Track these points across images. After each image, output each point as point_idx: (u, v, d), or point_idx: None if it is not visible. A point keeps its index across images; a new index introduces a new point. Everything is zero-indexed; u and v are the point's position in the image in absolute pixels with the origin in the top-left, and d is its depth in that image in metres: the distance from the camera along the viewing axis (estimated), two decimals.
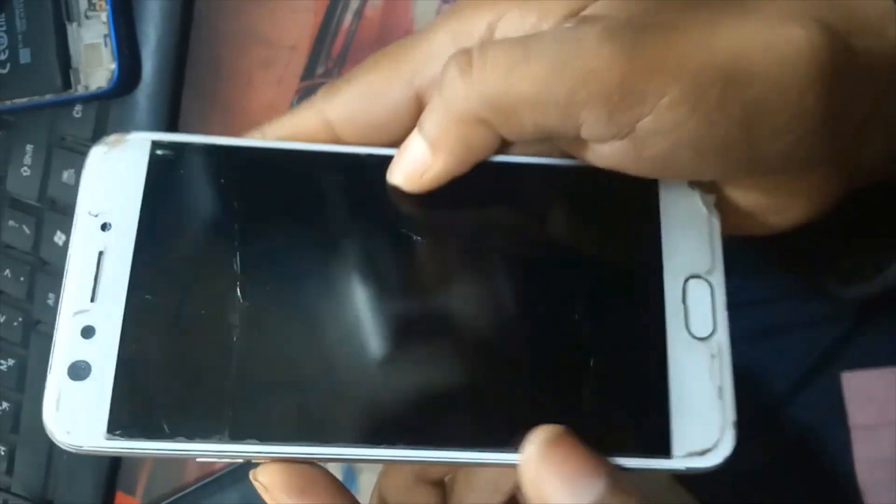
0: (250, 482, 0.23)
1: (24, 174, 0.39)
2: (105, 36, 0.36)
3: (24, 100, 0.37)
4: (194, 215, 0.24)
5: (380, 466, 0.31)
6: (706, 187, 0.25)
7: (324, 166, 0.25)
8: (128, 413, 0.23)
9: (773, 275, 0.57)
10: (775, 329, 0.58)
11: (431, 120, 0.23)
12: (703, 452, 0.23)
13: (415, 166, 0.24)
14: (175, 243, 0.24)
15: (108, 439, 0.22)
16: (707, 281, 0.24)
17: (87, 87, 0.37)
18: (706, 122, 0.21)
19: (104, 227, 0.24)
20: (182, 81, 0.39)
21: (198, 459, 0.23)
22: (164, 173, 0.24)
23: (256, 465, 0.23)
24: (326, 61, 0.38)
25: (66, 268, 0.23)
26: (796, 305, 0.58)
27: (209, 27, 0.38)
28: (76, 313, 0.23)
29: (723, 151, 0.22)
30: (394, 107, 0.24)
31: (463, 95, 0.22)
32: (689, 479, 0.63)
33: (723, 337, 0.24)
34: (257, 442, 0.22)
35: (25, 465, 0.42)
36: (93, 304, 0.23)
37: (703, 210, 0.25)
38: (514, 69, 0.21)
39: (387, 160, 0.25)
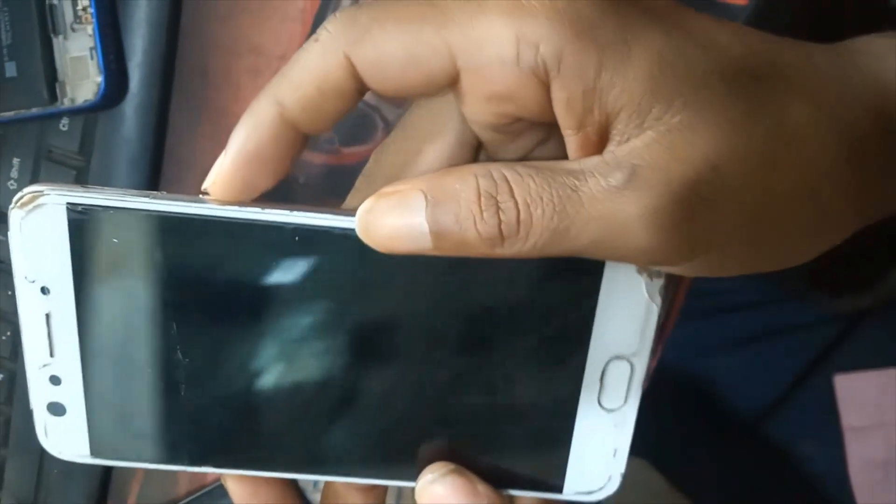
0: None
1: (11, 187, 0.39)
2: (91, 48, 0.36)
3: (11, 113, 0.37)
4: (125, 268, 0.25)
5: None
6: (655, 274, 0.25)
7: (240, 231, 0.24)
8: (105, 440, 0.27)
9: (766, 279, 0.57)
10: (768, 332, 0.58)
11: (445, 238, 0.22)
12: (588, 493, 0.28)
13: (409, 229, 0.22)
14: (113, 296, 0.25)
15: (93, 458, 0.27)
16: (629, 362, 0.27)
17: (73, 100, 0.36)
18: (721, 273, 0.23)
19: (44, 290, 0.25)
20: (170, 92, 0.38)
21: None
22: (86, 233, 0.24)
23: None
24: None
25: (21, 326, 0.25)
26: (789, 309, 0.58)
27: (197, 37, 0.38)
28: (41, 367, 0.26)
29: (735, 273, 0.23)
30: (431, 77, 0.21)
31: (499, 254, 0.22)
32: (685, 481, 0.63)
33: (630, 409, 0.27)
34: (213, 466, 0.27)
35: (16, 478, 0.42)
36: (52, 357, 0.26)
37: (645, 296, 0.25)
38: (556, 238, 0.21)
39: (312, 231, 0.24)
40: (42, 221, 0.24)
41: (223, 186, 0.23)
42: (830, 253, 0.25)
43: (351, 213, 0.23)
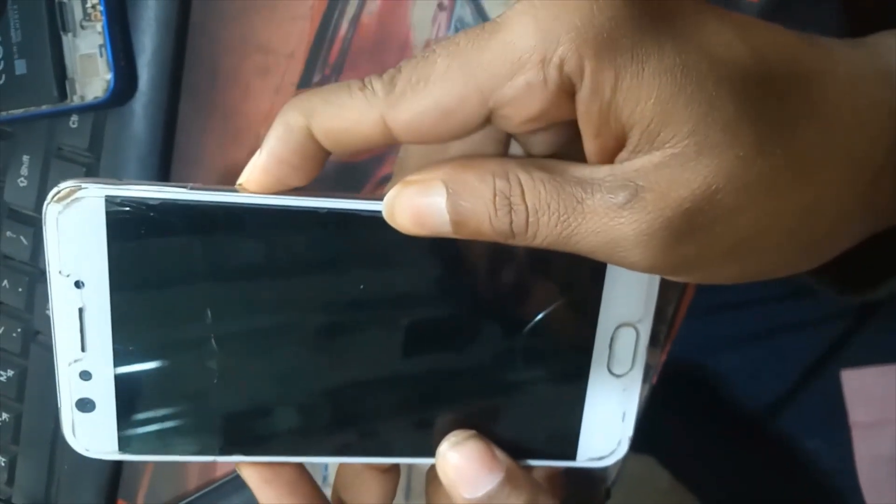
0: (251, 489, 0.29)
1: (21, 185, 0.39)
2: (101, 46, 0.36)
3: (21, 111, 0.37)
4: (161, 261, 0.25)
5: None
6: None
7: (275, 219, 0.25)
8: (133, 436, 0.27)
9: None
10: (775, 328, 0.58)
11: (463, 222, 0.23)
12: (600, 458, 0.30)
13: (430, 216, 0.23)
14: (148, 289, 0.26)
15: (121, 454, 0.27)
16: (635, 328, 0.28)
17: (83, 98, 0.37)
18: (715, 281, 0.24)
19: (78, 284, 0.25)
20: (179, 90, 0.38)
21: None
22: (123, 226, 0.25)
23: None
24: (323, 69, 0.38)
25: (52, 321, 0.26)
26: (795, 305, 0.58)
27: (206, 35, 0.38)
28: (71, 363, 0.26)
29: (731, 282, 0.24)
30: (465, 123, 0.22)
31: (512, 244, 0.23)
32: (691, 477, 0.63)
33: (637, 374, 0.29)
34: (242, 455, 0.28)
35: (26, 475, 0.42)
36: (84, 353, 0.26)
37: None
38: (559, 242, 0.22)
39: (344, 215, 0.25)
40: (79, 215, 0.25)
41: (257, 182, 0.25)
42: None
43: (379, 199, 0.25)
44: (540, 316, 0.27)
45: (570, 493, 0.38)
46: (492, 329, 0.27)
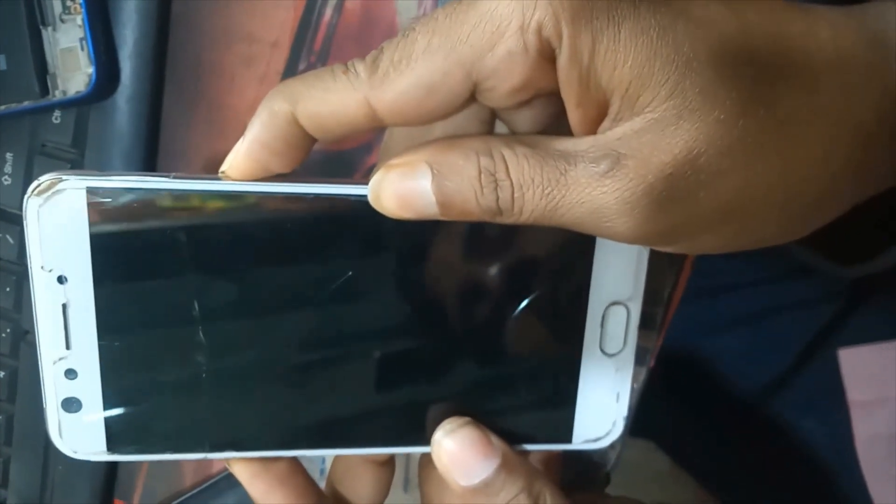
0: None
1: (6, 183, 0.38)
2: (81, 39, 0.36)
3: (2, 107, 0.36)
4: (146, 253, 0.25)
5: None
6: None
7: (262, 206, 0.25)
8: (122, 435, 0.26)
9: (767, 256, 0.57)
10: (771, 309, 0.58)
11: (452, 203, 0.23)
12: (595, 440, 0.29)
13: (416, 198, 0.23)
14: (132, 283, 0.25)
15: (110, 454, 0.27)
16: (626, 306, 0.28)
17: (65, 93, 0.36)
18: (702, 250, 0.24)
19: (61, 279, 0.25)
20: (163, 82, 0.38)
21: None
22: (106, 218, 0.24)
23: None
24: (309, 56, 0.37)
25: (35, 319, 0.25)
26: (790, 285, 0.58)
27: (188, 26, 0.38)
28: (56, 361, 0.25)
29: (719, 252, 0.24)
30: (450, 99, 0.22)
31: (498, 221, 0.23)
32: (690, 461, 0.63)
33: (629, 353, 0.29)
34: (234, 450, 0.27)
35: (20, 476, 0.42)
36: (69, 350, 0.25)
37: None
38: (546, 215, 0.22)
39: (332, 201, 0.25)
40: (61, 208, 0.24)
41: (239, 169, 0.24)
42: (836, 219, 0.25)
43: (364, 183, 0.25)
44: (530, 298, 0.27)
45: (570, 479, 0.37)
46: (482, 313, 0.27)
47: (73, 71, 0.36)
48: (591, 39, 0.21)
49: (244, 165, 0.24)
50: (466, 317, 0.27)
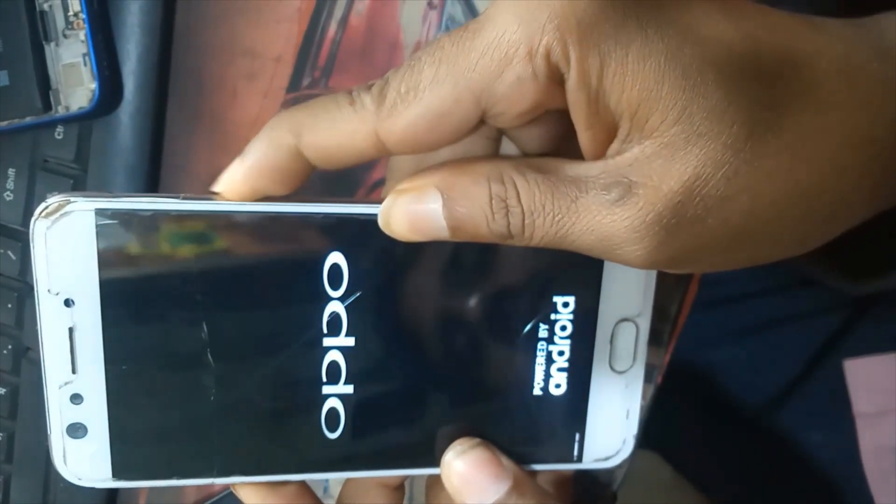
0: None
1: (8, 199, 0.38)
2: (84, 55, 0.35)
3: (5, 123, 0.36)
4: (154, 277, 0.24)
5: None
6: None
7: (273, 226, 0.25)
8: (128, 461, 0.26)
9: (773, 267, 0.56)
10: (776, 320, 0.58)
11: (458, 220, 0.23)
12: (606, 458, 0.29)
13: (427, 223, 0.23)
14: (141, 306, 0.25)
15: (115, 481, 0.26)
16: (635, 323, 0.28)
17: (67, 108, 0.36)
18: (709, 269, 0.24)
19: (67, 303, 0.24)
20: (166, 97, 0.38)
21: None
22: (115, 239, 0.24)
23: None
24: (313, 72, 0.37)
25: (40, 343, 0.24)
26: (796, 296, 0.58)
27: (192, 41, 0.37)
28: (62, 385, 0.25)
29: (725, 269, 0.24)
30: (459, 126, 0.22)
31: (509, 244, 0.23)
32: (695, 472, 0.63)
33: (638, 370, 0.28)
34: (242, 475, 0.27)
35: (21, 494, 0.41)
36: (75, 374, 0.25)
37: None
38: (556, 241, 0.22)
39: (344, 220, 0.25)
40: (69, 230, 0.24)
41: (235, 192, 0.24)
42: (846, 235, 0.25)
43: (375, 203, 0.25)
44: (539, 316, 0.27)
45: (576, 498, 0.37)
46: (491, 331, 0.27)
47: (76, 86, 0.36)
48: (600, 62, 0.21)
49: (241, 190, 0.24)
50: (476, 336, 0.27)
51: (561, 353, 0.28)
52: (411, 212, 0.23)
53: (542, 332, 0.27)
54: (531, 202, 0.22)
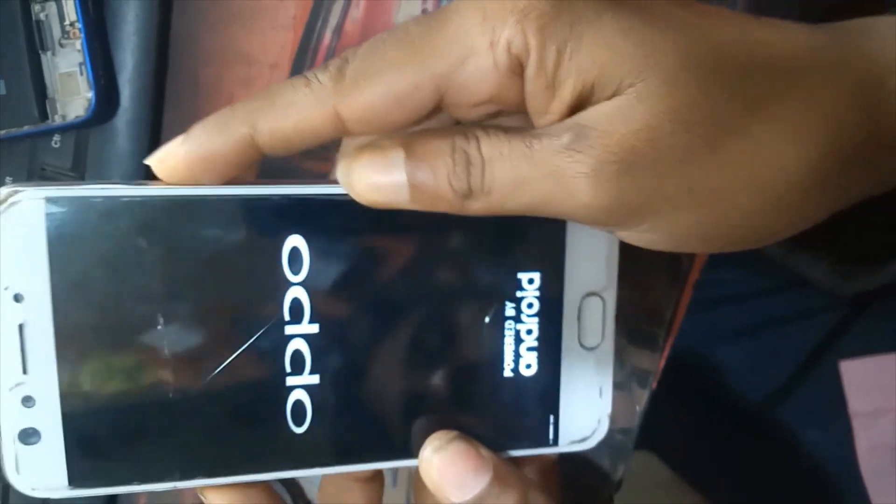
0: None
1: None
2: (80, 64, 0.35)
3: (2, 132, 0.36)
4: (107, 270, 0.23)
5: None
6: None
7: (230, 210, 0.24)
8: (84, 467, 0.24)
9: (768, 266, 0.57)
10: (772, 320, 0.58)
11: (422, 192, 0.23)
12: (582, 440, 0.28)
13: (388, 176, 0.23)
14: (93, 301, 0.24)
15: (72, 489, 0.24)
16: (601, 297, 0.27)
17: (64, 117, 0.36)
18: (673, 242, 0.23)
19: (17, 298, 0.23)
20: (162, 105, 0.38)
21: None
22: (66, 229, 0.23)
23: None
24: None
25: None
26: (792, 296, 0.58)
27: (188, 48, 0.38)
28: (12, 387, 0.23)
29: (690, 250, 0.25)
30: (417, 110, 0.23)
31: (468, 209, 0.23)
32: (692, 471, 0.63)
33: (608, 345, 0.28)
34: (206, 477, 0.25)
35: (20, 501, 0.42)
36: (26, 375, 0.23)
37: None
38: (515, 194, 0.22)
39: (302, 201, 0.24)
40: (17, 221, 0.23)
41: (169, 171, 0.24)
42: (836, 235, 0.25)
43: (334, 183, 0.24)
44: (505, 294, 0.27)
45: (575, 495, 0.37)
46: (459, 312, 0.26)
47: (73, 95, 0.36)
48: (556, 51, 0.22)
49: (174, 169, 0.24)
50: (444, 319, 0.26)
51: (529, 332, 0.27)
52: (373, 164, 0.23)
53: (510, 310, 0.27)
54: (491, 150, 0.22)
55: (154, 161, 0.24)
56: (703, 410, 0.62)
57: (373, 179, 0.23)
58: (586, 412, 0.28)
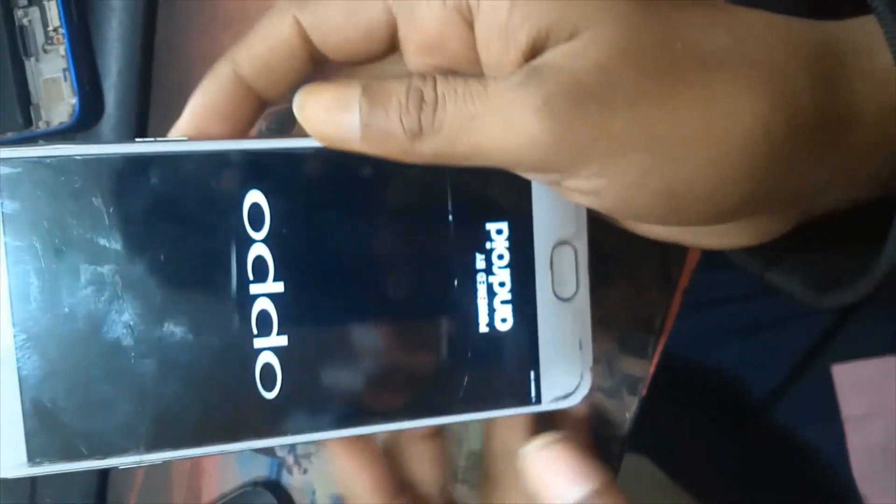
0: None
1: None
2: (64, 70, 0.35)
3: None
4: (63, 231, 0.23)
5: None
6: None
7: (187, 166, 0.24)
8: (44, 443, 0.23)
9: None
10: (763, 323, 0.58)
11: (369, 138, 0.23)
12: (566, 396, 0.27)
13: (343, 110, 0.23)
14: (50, 268, 0.23)
15: (31, 466, 0.23)
16: (572, 245, 0.27)
17: (48, 123, 0.36)
18: (623, 194, 0.23)
19: None
20: (147, 111, 0.38)
21: (120, 467, 0.24)
22: (19, 192, 0.22)
23: None
24: None
25: None
26: (783, 299, 0.58)
27: (173, 54, 0.37)
28: None
29: (644, 214, 0.24)
30: (369, 27, 0.24)
31: (418, 152, 0.23)
32: (684, 473, 0.63)
33: (584, 296, 0.27)
34: (172, 449, 0.24)
35: (6, 496, 0.41)
36: None
37: None
38: (464, 131, 0.22)
39: (262, 155, 0.24)
40: None
41: (183, 132, 0.25)
42: (809, 251, 0.24)
43: (291, 138, 0.24)
44: (475, 248, 0.26)
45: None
46: (428, 269, 0.26)
47: (57, 101, 0.36)
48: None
49: (183, 132, 0.25)
50: (413, 273, 0.26)
51: (502, 284, 0.27)
52: (331, 94, 0.23)
53: (480, 262, 0.26)
54: (446, 88, 0.22)
55: (175, 134, 0.25)
56: (696, 413, 0.62)
57: (327, 113, 0.23)
58: (567, 366, 0.27)
